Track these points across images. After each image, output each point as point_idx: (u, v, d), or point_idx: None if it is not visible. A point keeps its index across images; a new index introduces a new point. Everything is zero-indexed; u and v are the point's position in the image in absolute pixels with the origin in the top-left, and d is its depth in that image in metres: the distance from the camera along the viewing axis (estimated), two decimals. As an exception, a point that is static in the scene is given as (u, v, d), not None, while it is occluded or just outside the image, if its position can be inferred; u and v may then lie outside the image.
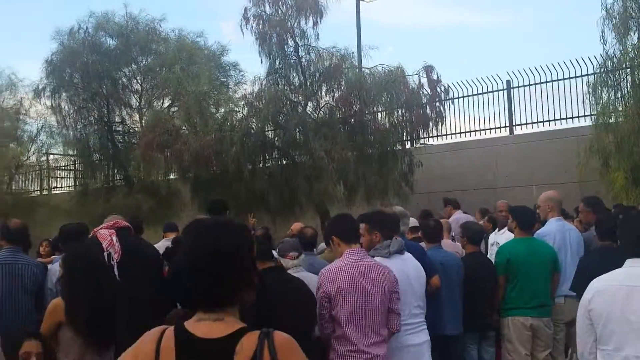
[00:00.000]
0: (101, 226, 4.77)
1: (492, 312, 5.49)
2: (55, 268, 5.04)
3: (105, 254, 4.42)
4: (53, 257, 6.96)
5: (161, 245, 7.14)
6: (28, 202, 17.90)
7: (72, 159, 18.48)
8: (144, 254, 4.88)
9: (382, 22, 37.99)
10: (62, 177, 20.28)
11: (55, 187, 20.32)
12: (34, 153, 19.09)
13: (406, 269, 4.40)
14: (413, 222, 6.17)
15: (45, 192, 20.11)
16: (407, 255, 4.52)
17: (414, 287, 4.39)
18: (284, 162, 12.23)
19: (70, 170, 19.45)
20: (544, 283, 5.37)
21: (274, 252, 4.70)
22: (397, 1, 38.40)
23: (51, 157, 19.47)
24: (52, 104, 15.41)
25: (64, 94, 15.29)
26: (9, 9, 39.70)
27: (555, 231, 5.76)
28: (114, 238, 4.54)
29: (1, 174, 17.48)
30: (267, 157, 12.40)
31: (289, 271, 4.61)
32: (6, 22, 43.43)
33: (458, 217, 7.78)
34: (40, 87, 15.34)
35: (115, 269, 4.32)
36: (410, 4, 40.26)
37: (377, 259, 4.30)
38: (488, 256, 6.55)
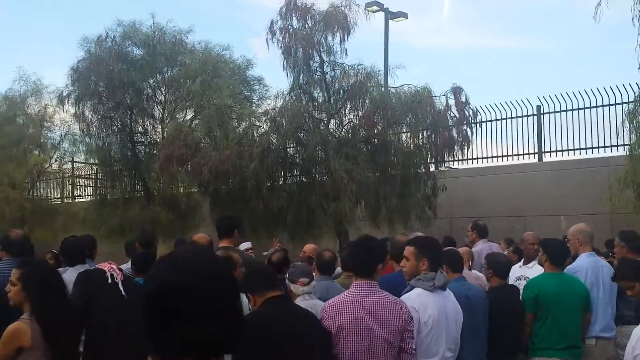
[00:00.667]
0: None
1: (517, 351, 5.11)
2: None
3: (108, 274, 4.16)
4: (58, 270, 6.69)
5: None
6: (47, 209, 17.86)
7: (94, 167, 18.43)
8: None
9: (410, 43, 37.83)
10: (82, 186, 20.24)
11: (76, 196, 20.27)
12: (56, 160, 19.06)
13: (446, 307, 4.06)
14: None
15: (66, 200, 20.09)
16: (449, 292, 4.18)
17: (449, 327, 4.04)
18: (304, 180, 11.95)
19: (91, 178, 19.41)
20: (574, 322, 5.00)
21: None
22: (426, 23, 38.21)
23: (73, 165, 19.45)
24: (75, 112, 15.32)
25: (88, 102, 15.20)
26: (37, 14, 40.36)
27: (587, 267, 5.39)
28: (114, 266, 4.30)
29: (23, 180, 17.47)
30: (286, 174, 12.14)
31: (298, 299, 4.31)
32: (34, 28, 44.17)
33: (482, 248, 7.36)
34: (64, 93, 15.28)
35: (121, 286, 4.05)
36: (440, 25, 40.06)
37: (418, 291, 3.97)
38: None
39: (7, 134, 17.11)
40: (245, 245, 8.02)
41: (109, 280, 3.82)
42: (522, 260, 7.02)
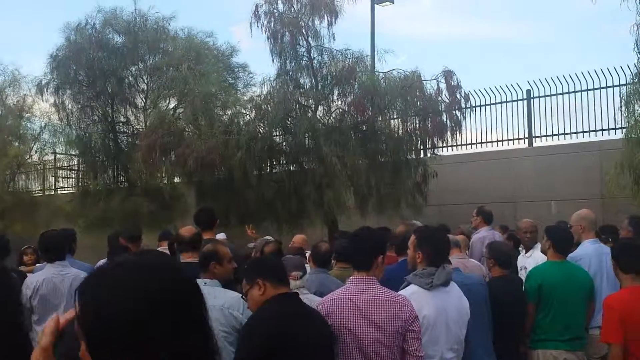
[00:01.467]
0: None
1: (520, 343, 4.90)
2: (31, 280, 4.52)
3: None
4: (36, 265, 6.36)
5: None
6: (29, 202, 17.43)
7: (75, 158, 18.01)
8: None
9: (395, 31, 37.44)
10: (64, 177, 19.80)
11: (57, 187, 19.83)
12: (36, 152, 18.60)
13: (446, 305, 3.77)
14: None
15: (47, 192, 19.64)
16: (452, 288, 3.89)
17: (449, 327, 3.75)
18: (292, 169, 11.68)
19: (73, 170, 19.00)
20: (579, 313, 4.80)
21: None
22: (412, 10, 37.81)
23: (54, 156, 19.00)
24: (55, 101, 14.92)
25: (68, 91, 14.80)
26: (14, 2, 39.38)
27: (591, 254, 5.20)
28: None
29: (2, 172, 17.02)
30: (274, 162, 11.86)
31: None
32: (11, 16, 43.19)
33: (485, 235, 7.12)
34: (43, 82, 14.86)
35: None
36: (426, 13, 39.74)
37: (413, 288, 3.71)
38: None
39: (-15, 125, 16.66)
40: (220, 237, 7.71)
41: None
42: (524, 250, 6.82)
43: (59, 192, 19.44)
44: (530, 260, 6.17)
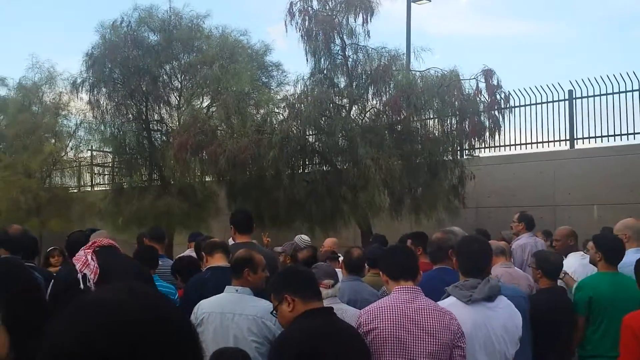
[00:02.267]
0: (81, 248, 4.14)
1: (567, 359, 4.62)
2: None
3: (80, 275, 3.74)
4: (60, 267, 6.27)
5: (185, 254, 6.50)
6: (63, 199, 17.59)
7: (110, 156, 18.13)
8: (121, 275, 4.01)
9: (432, 29, 36.95)
10: (99, 174, 19.97)
11: (92, 185, 20.01)
12: (71, 149, 18.78)
13: (488, 322, 3.46)
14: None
15: (84, 189, 19.82)
16: (500, 303, 3.57)
17: (493, 345, 3.45)
18: (326, 169, 11.47)
19: (108, 167, 19.14)
20: (631, 328, 4.48)
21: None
22: (448, 9, 37.32)
23: (89, 153, 19.16)
24: (90, 99, 14.98)
25: (103, 89, 14.84)
26: (51, 1, 39.98)
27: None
28: (89, 257, 3.86)
29: (38, 169, 17.22)
30: (307, 162, 11.65)
31: (323, 302, 3.86)
32: (48, 14, 43.93)
33: (526, 242, 6.80)
34: (79, 80, 14.93)
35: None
36: (462, 11, 39.15)
37: (452, 300, 3.45)
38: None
39: (22, 122, 16.86)
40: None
41: (81, 286, 3.38)
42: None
43: (95, 189, 19.62)
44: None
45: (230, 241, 5.33)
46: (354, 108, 11.35)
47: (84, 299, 1.06)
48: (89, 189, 19.69)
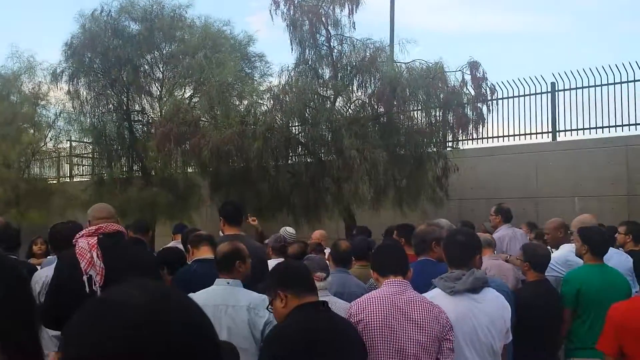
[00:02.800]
0: (82, 232, 3.86)
1: (554, 352, 4.63)
2: (40, 274, 4.31)
3: (85, 277, 3.57)
4: (47, 258, 6.15)
5: (173, 246, 6.43)
6: (43, 190, 17.32)
7: (90, 147, 17.89)
8: (136, 269, 3.78)
9: (416, 22, 36.91)
10: (79, 165, 19.71)
11: (72, 176, 19.74)
12: (51, 139, 18.48)
13: (473, 313, 3.45)
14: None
15: (62, 180, 19.55)
16: (487, 295, 3.56)
17: (479, 335, 3.44)
18: (310, 160, 11.43)
19: (88, 158, 18.88)
20: (618, 320, 4.51)
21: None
22: (432, 1, 37.28)
23: (68, 144, 18.89)
24: (69, 89, 14.76)
25: (82, 79, 14.64)
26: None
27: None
28: (95, 254, 3.67)
29: (17, 159, 16.93)
30: (291, 154, 11.61)
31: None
32: (26, 2, 43.15)
33: (504, 234, 6.84)
34: (58, 70, 14.70)
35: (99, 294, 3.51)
36: (446, 4, 39.17)
37: (436, 291, 3.44)
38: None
39: (0, 112, 16.52)
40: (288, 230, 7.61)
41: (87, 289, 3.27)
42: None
43: (74, 179, 19.36)
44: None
45: (220, 233, 5.28)
46: (338, 99, 11.31)
47: (106, 300, 1.00)
48: (68, 180, 19.43)
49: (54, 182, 19.09)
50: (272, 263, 4.71)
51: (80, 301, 3.19)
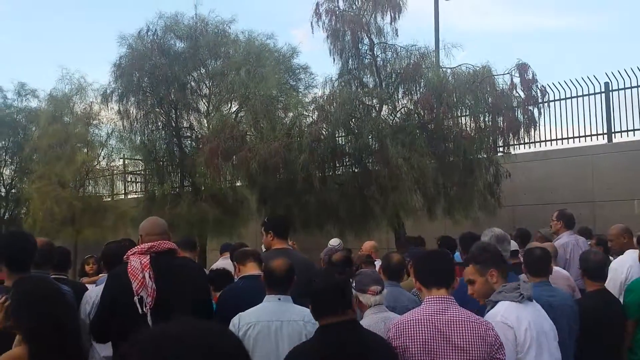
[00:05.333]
0: (135, 249, 3.81)
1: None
2: (91, 294, 4.31)
3: (136, 298, 3.53)
4: (100, 276, 6.20)
5: (219, 264, 6.43)
6: (97, 208, 17.73)
7: (141, 164, 18.23)
8: (188, 292, 3.77)
9: (461, 25, 36.44)
10: (130, 182, 20.12)
11: (126, 193, 20.16)
12: (104, 158, 18.96)
13: (542, 321, 3.38)
14: (513, 245, 5.12)
15: (116, 198, 19.99)
16: (536, 303, 3.51)
17: (550, 346, 3.35)
18: (356, 170, 11.31)
19: (139, 175, 19.24)
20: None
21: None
22: (476, 4, 36.71)
23: (121, 162, 19.32)
24: (119, 109, 15.09)
25: (132, 98, 14.94)
26: (79, 13, 40.57)
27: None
28: (147, 274, 3.59)
29: (71, 179, 17.40)
30: (337, 164, 11.51)
31: (369, 311, 3.73)
32: (76, 25, 44.57)
33: (567, 241, 6.51)
34: (108, 91, 15.07)
35: (149, 317, 3.45)
36: (490, 6, 38.56)
37: (505, 303, 3.31)
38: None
39: (54, 133, 17.05)
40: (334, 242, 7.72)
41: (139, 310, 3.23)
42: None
43: (128, 197, 19.76)
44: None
45: (262, 247, 5.23)
46: (384, 108, 11.17)
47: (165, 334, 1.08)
48: (122, 197, 19.84)
49: (108, 199, 19.53)
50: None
51: (130, 321, 3.15)
